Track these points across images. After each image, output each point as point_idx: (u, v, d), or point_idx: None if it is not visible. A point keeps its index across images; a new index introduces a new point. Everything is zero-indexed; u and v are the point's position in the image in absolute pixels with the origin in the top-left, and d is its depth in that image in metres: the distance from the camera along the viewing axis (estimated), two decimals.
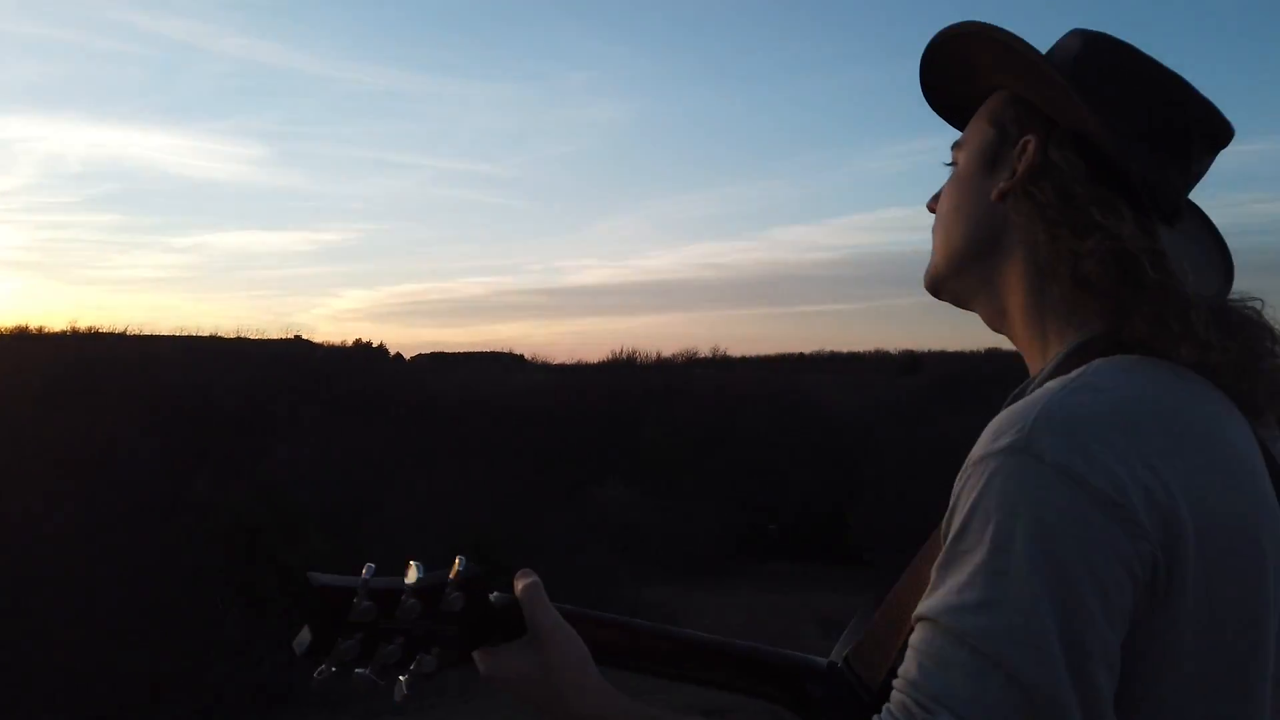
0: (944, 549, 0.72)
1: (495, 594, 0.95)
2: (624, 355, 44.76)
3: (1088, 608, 0.65)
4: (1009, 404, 0.83)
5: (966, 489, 0.72)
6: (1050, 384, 0.76)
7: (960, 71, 0.94)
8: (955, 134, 0.99)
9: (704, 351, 54.20)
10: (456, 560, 0.92)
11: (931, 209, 0.99)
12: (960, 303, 0.97)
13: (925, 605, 0.71)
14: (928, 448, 26.94)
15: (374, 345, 50.66)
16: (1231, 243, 0.94)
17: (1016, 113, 0.89)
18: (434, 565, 0.93)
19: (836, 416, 34.75)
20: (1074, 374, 0.76)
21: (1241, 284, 0.90)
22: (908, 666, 0.71)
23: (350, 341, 50.48)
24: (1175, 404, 0.74)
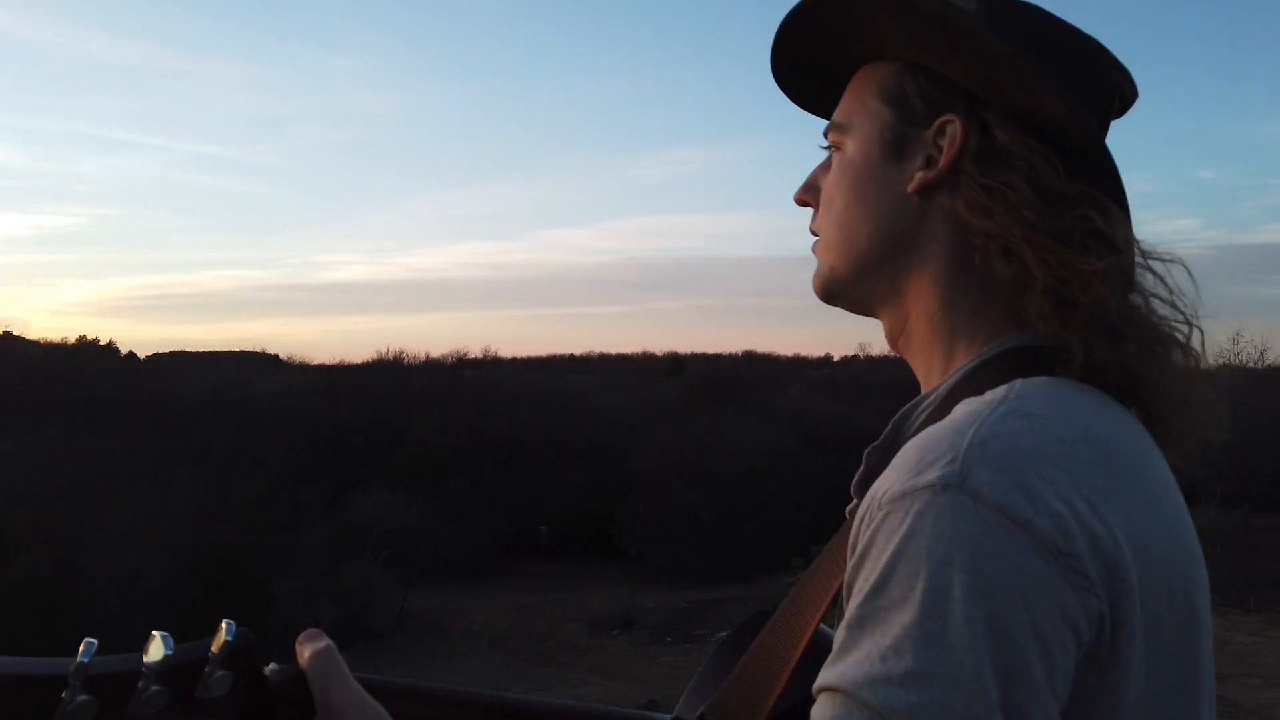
0: (856, 603, 0.60)
1: (272, 666, 0.73)
2: (390, 355, 43.36)
3: (1033, 678, 0.56)
4: (907, 424, 0.75)
5: (884, 530, 0.60)
6: (968, 405, 0.65)
7: (839, 39, 0.80)
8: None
9: (474, 352, 53.44)
10: (221, 626, 0.67)
11: (803, 202, 0.85)
12: (861, 309, 0.84)
13: (835, 673, 0.59)
14: (692, 445, 28.12)
15: (101, 343, 46.02)
16: None
17: (921, 87, 0.76)
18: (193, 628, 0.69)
19: (606, 417, 35.40)
20: (996, 395, 0.65)
21: None
22: None
23: (72, 339, 45.56)
24: (1109, 435, 0.65)
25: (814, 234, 0.84)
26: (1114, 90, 0.76)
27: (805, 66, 0.85)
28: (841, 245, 0.81)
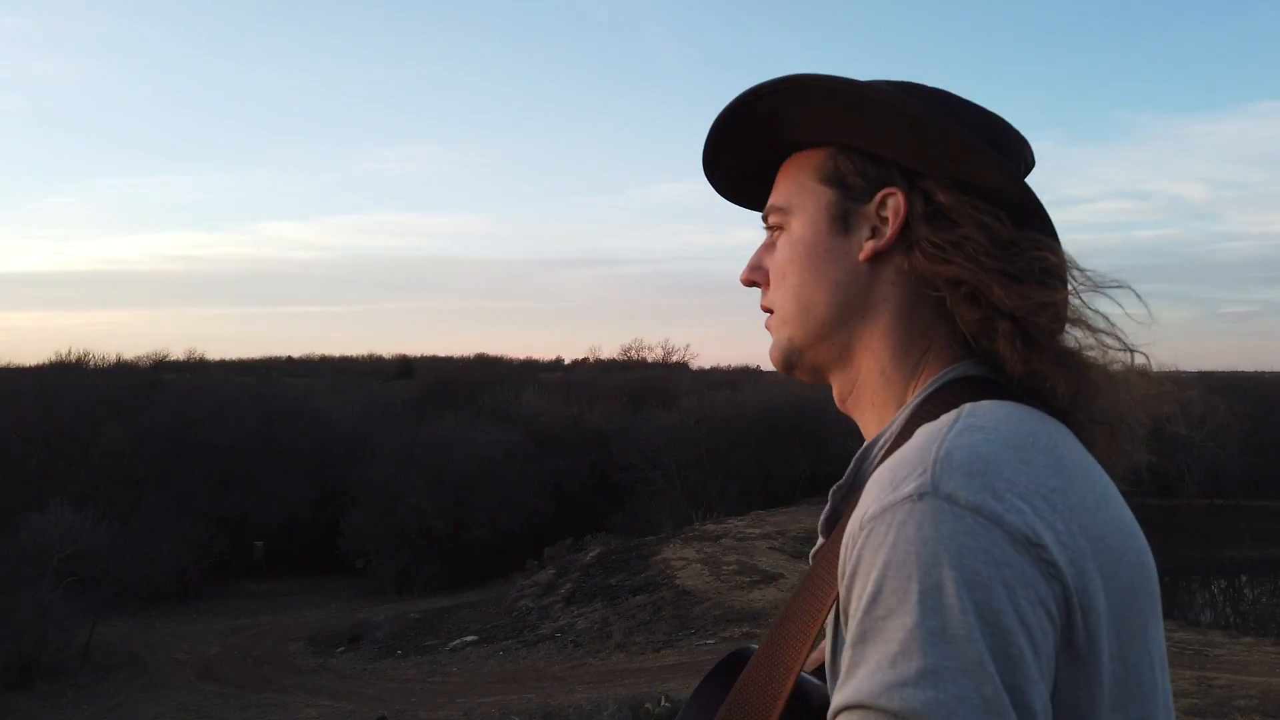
0: (855, 621, 0.63)
1: None
2: (72, 357, 38.57)
3: (1024, 659, 0.60)
4: (867, 461, 0.80)
5: (869, 546, 0.64)
6: (926, 429, 0.70)
7: (771, 130, 0.88)
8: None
9: (176, 354, 49.09)
10: None
11: (750, 282, 0.92)
12: (818, 376, 0.90)
13: (849, 691, 0.61)
14: (423, 450, 27.40)
15: None
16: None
17: (858, 166, 0.84)
18: None
19: (329, 423, 33.64)
20: (949, 416, 0.71)
21: None
22: None
23: None
24: (1054, 441, 0.71)
25: (766, 310, 0.91)
26: (1022, 159, 0.86)
27: (735, 160, 0.93)
28: (799, 315, 0.87)
